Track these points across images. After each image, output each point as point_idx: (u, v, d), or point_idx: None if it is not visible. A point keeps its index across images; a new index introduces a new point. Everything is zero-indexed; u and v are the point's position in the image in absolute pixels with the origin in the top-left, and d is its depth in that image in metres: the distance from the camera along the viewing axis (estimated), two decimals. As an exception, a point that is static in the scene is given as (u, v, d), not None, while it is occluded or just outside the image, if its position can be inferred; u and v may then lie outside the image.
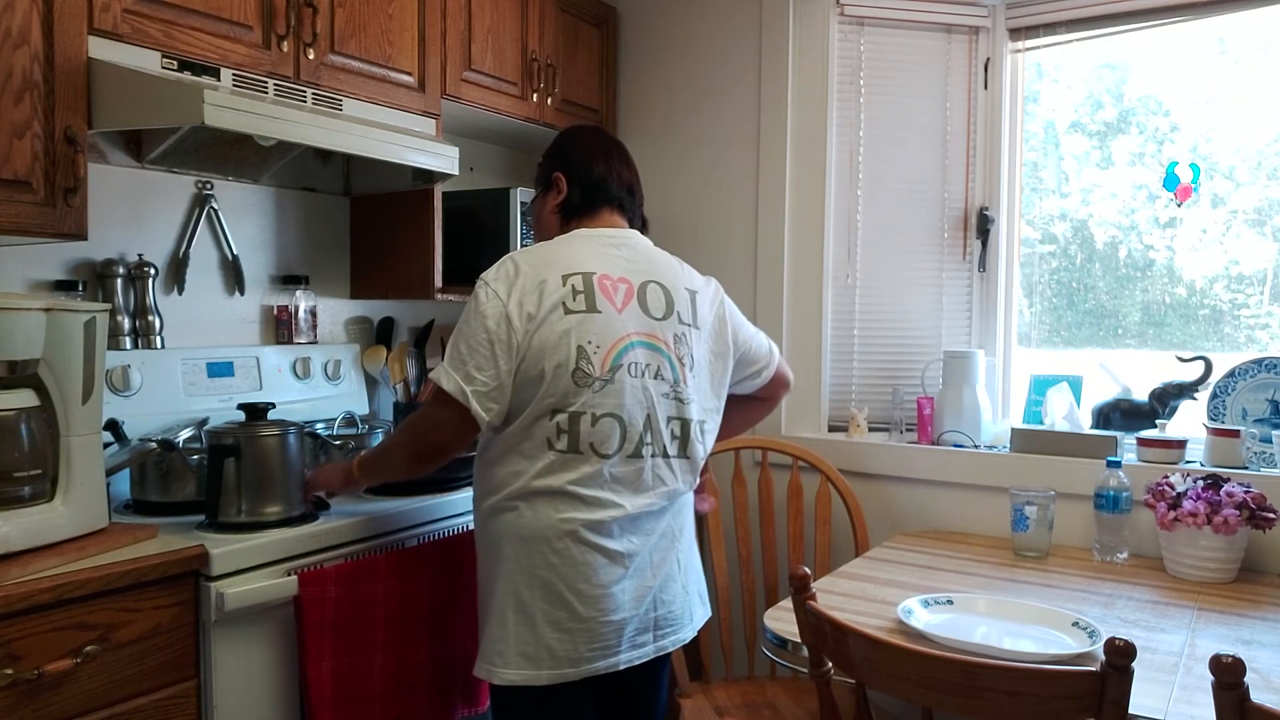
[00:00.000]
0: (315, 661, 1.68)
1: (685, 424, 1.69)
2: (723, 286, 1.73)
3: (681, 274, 1.78)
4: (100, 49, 1.69)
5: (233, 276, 2.29)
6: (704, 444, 1.75)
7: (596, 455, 1.59)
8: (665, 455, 1.67)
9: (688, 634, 1.79)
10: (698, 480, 1.78)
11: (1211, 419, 2.30)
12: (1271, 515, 1.92)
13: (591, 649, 1.61)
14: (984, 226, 2.68)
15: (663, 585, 1.70)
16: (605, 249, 1.69)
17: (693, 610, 1.80)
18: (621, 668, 1.66)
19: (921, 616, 1.64)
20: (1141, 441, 2.29)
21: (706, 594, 1.87)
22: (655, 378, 1.64)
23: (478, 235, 2.57)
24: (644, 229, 1.84)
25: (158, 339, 2.09)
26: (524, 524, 1.60)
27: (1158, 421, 2.35)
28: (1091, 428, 2.45)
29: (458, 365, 1.57)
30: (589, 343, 1.58)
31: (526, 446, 1.59)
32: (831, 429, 2.74)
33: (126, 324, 2.04)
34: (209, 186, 2.22)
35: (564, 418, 1.57)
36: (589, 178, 1.75)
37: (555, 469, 1.58)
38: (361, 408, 2.47)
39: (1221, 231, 2.47)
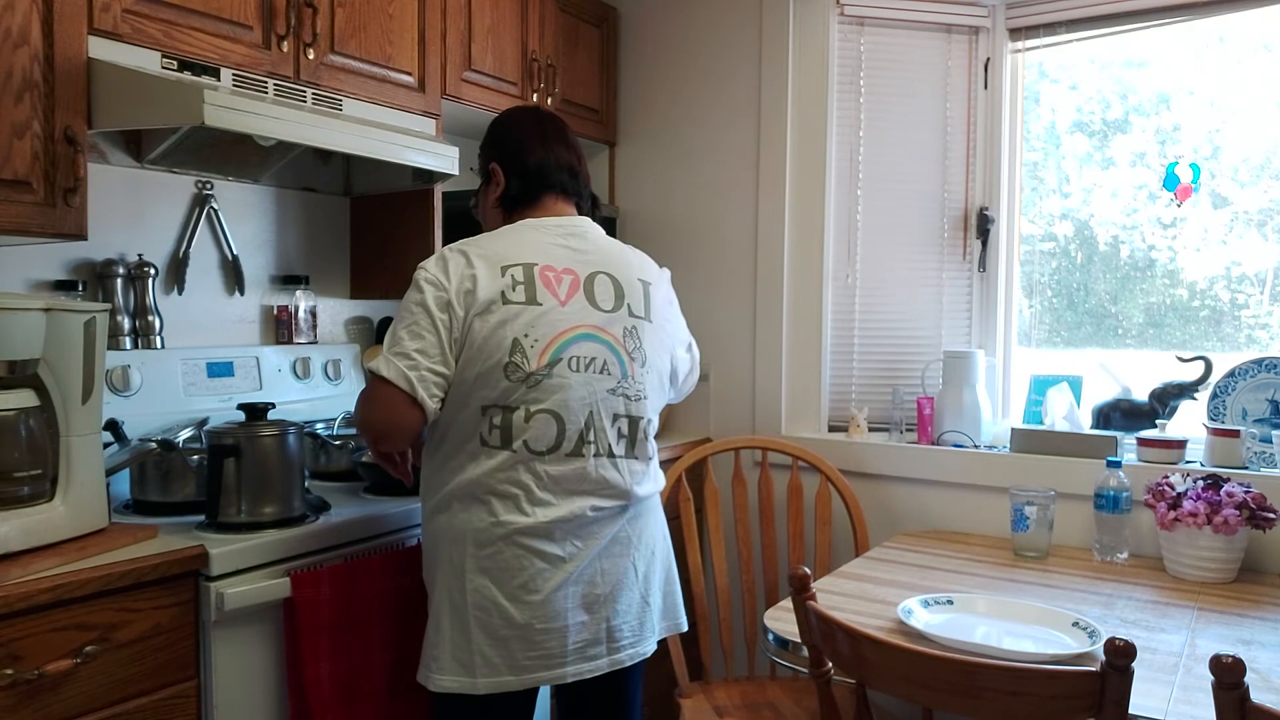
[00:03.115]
0: (313, 663, 1.68)
1: (634, 422, 1.61)
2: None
3: (634, 264, 1.69)
4: (100, 49, 1.69)
5: (233, 276, 2.28)
6: (654, 444, 1.68)
7: (531, 453, 1.52)
8: (611, 455, 1.58)
9: (647, 648, 1.69)
10: (659, 482, 1.70)
11: (1211, 419, 2.30)
12: (1271, 515, 1.92)
13: (531, 657, 1.54)
14: (984, 226, 2.68)
15: (614, 595, 1.60)
16: (551, 239, 1.62)
17: (653, 624, 1.69)
18: (569, 680, 1.58)
19: (921, 616, 1.64)
20: (1141, 441, 2.29)
21: (680, 609, 1.77)
22: (601, 373, 1.56)
23: (477, 235, 2.56)
24: (594, 210, 1.77)
25: (158, 339, 2.09)
26: (457, 525, 1.54)
27: (1158, 421, 2.35)
28: (1091, 428, 2.45)
29: (400, 353, 1.50)
30: (526, 336, 1.51)
31: (460, 444, 1.54)
32: (831, 429, 2.74)
33: (126, 324, 2.04)
34: (209, 186, 2.22)
35: (497, 414, 1.51)
36: (525, 167, 1.68)
37: (488, 468, 1.52)
38: (361, 408, 2.47)
39: (1223, 232, 2.47)
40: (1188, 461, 2.26)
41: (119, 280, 2.02)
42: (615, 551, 1.61)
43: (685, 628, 1.77)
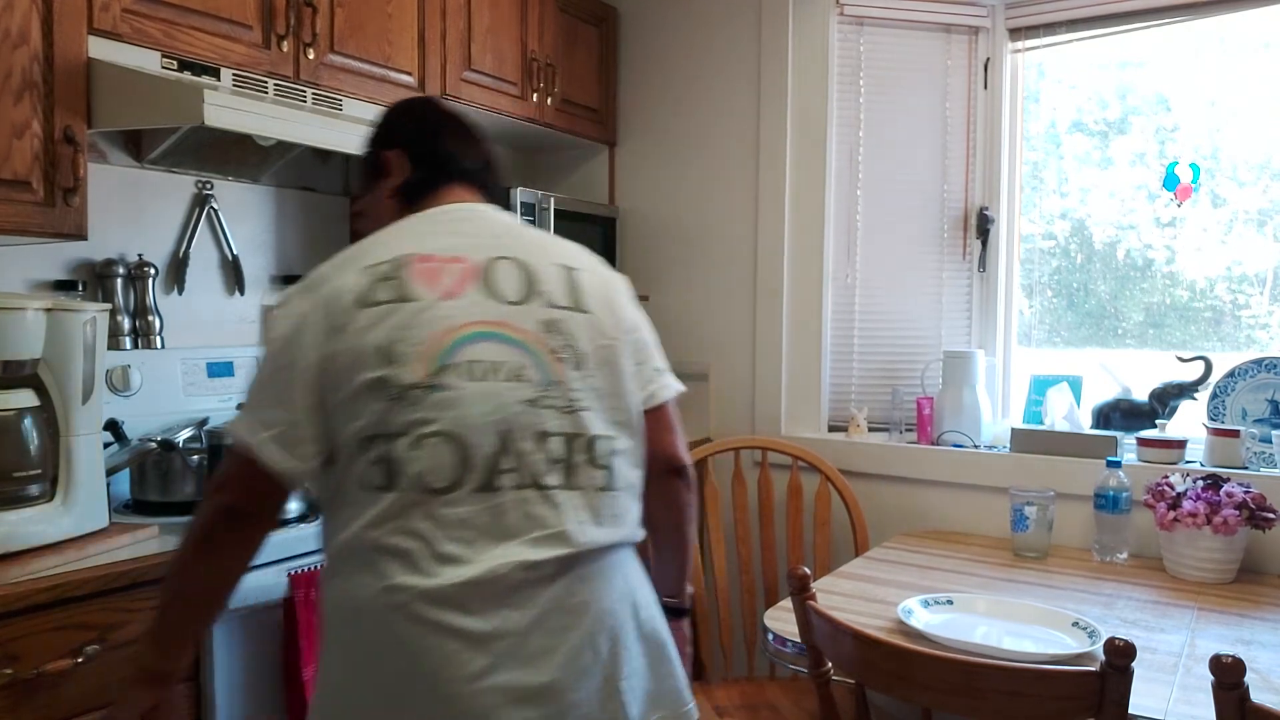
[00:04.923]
0: (311, 662, 1.68)
1: (572, 441, 1.22)
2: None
3: (552, 247, 1.34)
4: (100, 49, 1.69)
5: (233, 276, 2.28)
6: (615, 471, 1.25)
7: (425, 491, 1.14)
8: (540, 486, 1.18)
9: None
10: (627, 525, 1.27)
11: (1211, 419, 2.30)
12: (1271, 515, 1.92)
13: None
14: (984, 226, 2.68)
15: (563, 686, 1.15)
16: (435, 227, 1.31)
17: (634, 716, 1.23)
18: None
19: (921, 616, 1.64)
20: (1141, 441, 2.29)
21: (682, 693, 1.30)
22: (512, 380, 1.19)
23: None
24: (506, 206, 1.49)
25: (158, 339, 2.09)
26: (343, 595, 1.16)
27: (1158, 421, 2.35)
28: (1091, 428, 2.45)
29: (247, 409, 1.22)
30: (399, 341, 1.16)
31: (344, 492, 1.18)
32: (831, 429, 2.74)
33: (126, 324, 2.04)
34: (209, 186, 2.22)
35: (380, 446, 1.15)
36: (436, 149, 1.39)
37: (371, 516, 1.14)
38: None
39: (1223, 232, 2.47)
40: (1188, 461, 2.26)
41: (119, 280, 2.02)
42: (562, 623, 1.17)
43: (694, 717, 1.32)
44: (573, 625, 1.18)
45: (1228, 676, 1.06)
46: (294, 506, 1.82)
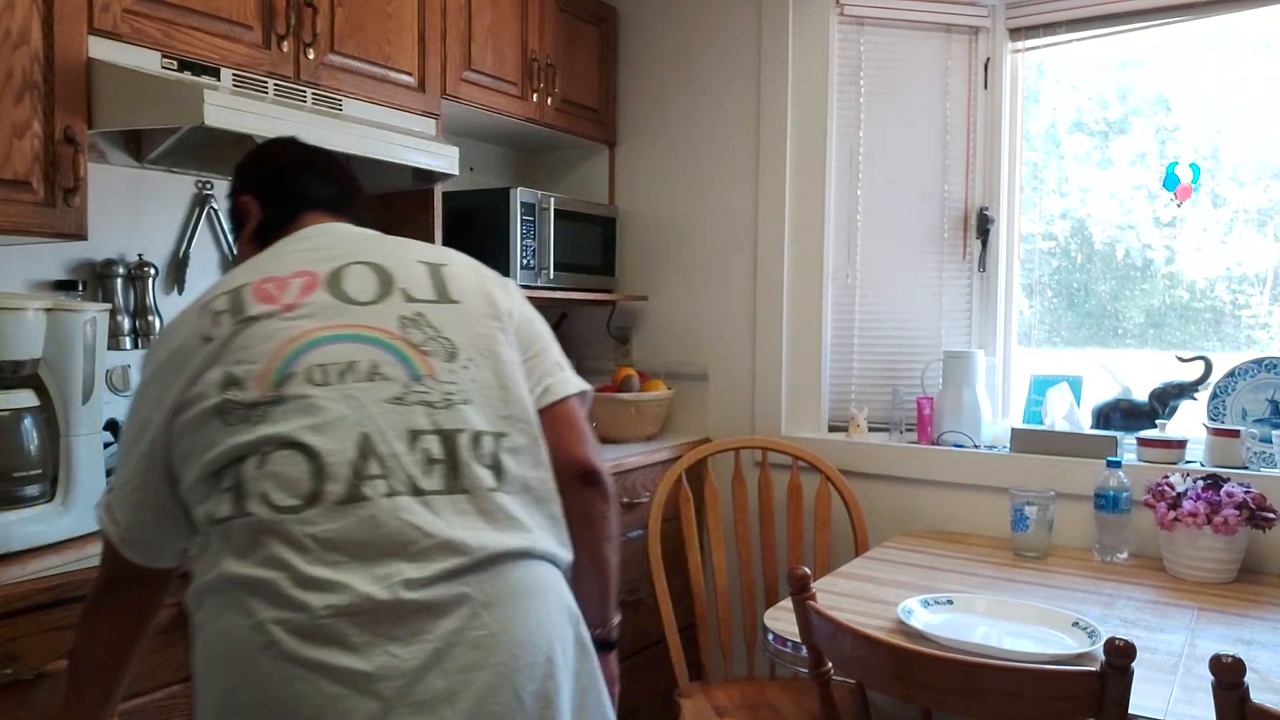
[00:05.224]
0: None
1: (451, 438, 1.08)
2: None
3: (418, 248, 1.26)
4: (100, 49, 1.69)
5: (233, 276, 2.28)
6: (507, 470, 1.11)
7: (278, 511, 1.01)
8: (417, 492, 1.04)
9: None
10: (533, 532, 1.10)
11: (1211, 419, 2.30)
12: (1271, 515, 1.92)
13: None
14: (984, 226, 2.68)
15: None
16: (281, 250, 1.22)
17: None
18: None
19: (921, 616, 1.64)
20: (1141, 441, 2.29)
21: None
22: (370, 379, 1.08)
23: (478, 235, 2.57)
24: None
25: (158, 339, 2.09)
26: (210, 639, 1.03)
27: (1158, 421, 2.35)
28: (1091, 428, 2.45)
29: (110, 484, 1.16)
30: (239, 363, 1.07)
31: (204, 536, 1.07)
32: (831, 429, 2.74)
33: (126, 324, 2.04)
34: (209, 186, 2.22)
35: (229, 475, 1.04)
36: (284, 186, 1.32)
37: (229, 551, 1.02)
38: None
39: (1223, 232, 2.47)
40: (1188, 461, 2.26)
41: (119, 280, 2.02)
42: (461, 661, 0.99)
43: None
44: (480, 663, 1.00)
45: (1228, 676, 1.06)
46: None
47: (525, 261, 2.56)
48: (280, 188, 1.32)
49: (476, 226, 2.57)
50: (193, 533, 1.10)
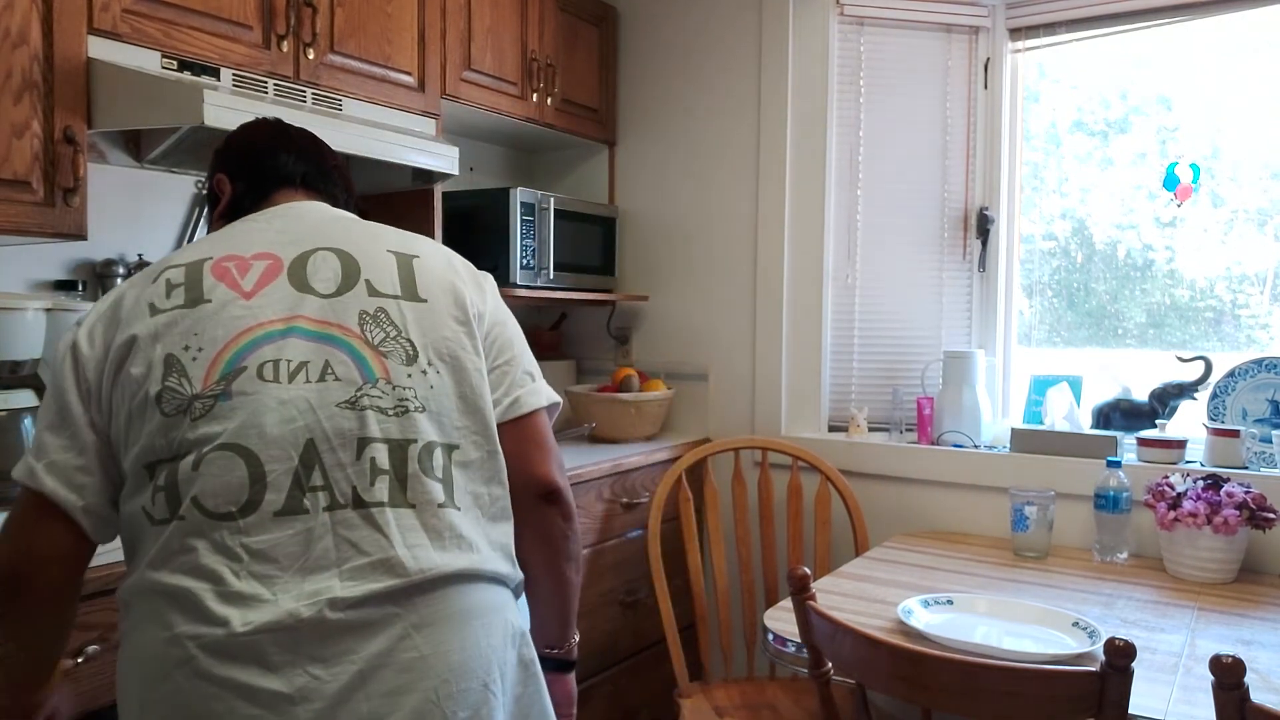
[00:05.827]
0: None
1: (402, 448, 1.03)
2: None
3: (390, 236, 1.19)
4: (100, 49, 1.69)
5: (232, 276, 2.28)
6: (457, 485, 1.06)
7: (210, 517, 0.97)
8: (361, 504, 1.00)
9: None
10: (480, 552, 1.05)
11: (1211, 419, 2.30)
12: (1271, 515, 1.92)
13: None
14: (984, 226, 2.68)
15: None
16: (249, 227, 1.17)
17: None
18: None
19: (921, 616, 1.64)
20: (1141, 441, 2.29)
21: None
22: (322, 380, 1.03)
23: (478, 235, 2.57)
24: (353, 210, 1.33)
25: (157, 339, 2.09)
26: (129, 650, 1.00)
27: (1158, 421, 2.35)
28: (1091, 428, 2.45)
29: (34, 441, 1.07)
30: (185, 348, 1.02)
31: (133, 531, 1.03)
32: (831, 429, 2.74)
33: (126, 324, 2.04)
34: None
35: (164, 472, 0.99)
36: (256, 163, 1.27)
37: (155, 555, 0.98)
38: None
39: (1223, 232, 2.47)
40: (1188, 461, 2.26)
41: (119, 280, 2.02)
42: (387, 685, 0.96)
43: None
44: (408, 687, 0.96)
45: (1228, 676, 1.06)
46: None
47: (525, 261, 2.56)
48: (250, 164, 1.28)
49: (476, 226, 2.57)
50: (102, 495, 1.06)
